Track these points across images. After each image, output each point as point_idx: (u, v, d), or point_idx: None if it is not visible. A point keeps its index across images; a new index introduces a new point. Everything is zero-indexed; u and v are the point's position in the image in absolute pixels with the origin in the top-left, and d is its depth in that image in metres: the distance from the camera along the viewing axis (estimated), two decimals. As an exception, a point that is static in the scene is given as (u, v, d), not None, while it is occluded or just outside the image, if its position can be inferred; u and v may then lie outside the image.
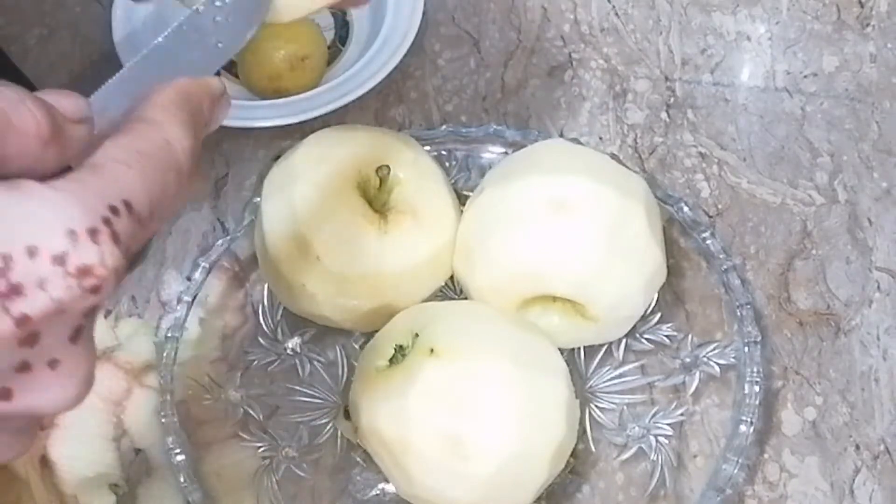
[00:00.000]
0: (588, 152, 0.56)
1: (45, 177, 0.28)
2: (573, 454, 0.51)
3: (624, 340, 0.56)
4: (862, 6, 0.71)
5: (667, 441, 0.54)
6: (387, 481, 0.52)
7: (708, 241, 0.57)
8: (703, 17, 0.71)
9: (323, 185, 0.52)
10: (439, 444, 0.47)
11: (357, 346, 0.56)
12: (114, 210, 0.28)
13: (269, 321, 0.57)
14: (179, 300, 0.56)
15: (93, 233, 0.27)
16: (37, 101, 0.28)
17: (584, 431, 0.54)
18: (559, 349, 0.52)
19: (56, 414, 0.36)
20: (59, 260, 0.27)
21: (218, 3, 0.37)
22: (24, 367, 0.28)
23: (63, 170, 0.29)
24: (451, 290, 0.56)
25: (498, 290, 0.53)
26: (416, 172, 0.54)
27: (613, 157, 0.57)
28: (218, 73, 0.74)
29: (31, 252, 0.26)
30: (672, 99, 0.68)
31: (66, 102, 0.29)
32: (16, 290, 0.26)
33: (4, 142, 0.27)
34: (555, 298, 0.53)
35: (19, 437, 0.30)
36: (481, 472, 0.47)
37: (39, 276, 0.26)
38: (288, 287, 0.53)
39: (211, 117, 0.34)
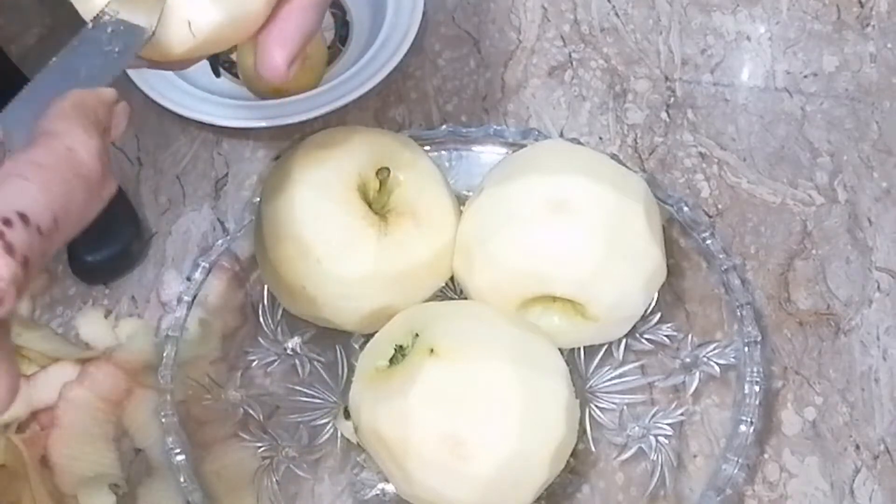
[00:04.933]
0: (588, 152, 0.56)
1: None
2: (573, 454, 0.51)
3: (624, 340, 0.56)
4: (862, 6, 0.71)
5: (667, 441, 0.54)
6: (387, 481, 0.52)
7: (708, 241, 0.57)
8: (703, 17, 0.71)
9: (323, 187, 0.52)
10: (439, 444, 0.47)
11: (357, 347, 0.56)
12: (7, 222, 0.28)
13: (269, 321, 0.57)
14: (179, 300, 0.56)
15: None
16: None
17: (584, 431, 0.54)
18: (559, 349, 0.52)
19: None
20: None
21: (106, 18, 0.37)
22: None
23: None
24: (451, 290, 0.56)
25: (498, 290, 0.53)
26: (415, 174, 0.54)
27: (613, 157, 0.57)
28: (218, 74, 0.75)
29: None
30: (672, 99, 0.68)
31: None
32: None
33: None
34: (555, 298, 0.53)
35: None
36: (481, 472, 0.47)
37: None
38: (288, 289, 0.53)
39: (109, 123, 0.34)
